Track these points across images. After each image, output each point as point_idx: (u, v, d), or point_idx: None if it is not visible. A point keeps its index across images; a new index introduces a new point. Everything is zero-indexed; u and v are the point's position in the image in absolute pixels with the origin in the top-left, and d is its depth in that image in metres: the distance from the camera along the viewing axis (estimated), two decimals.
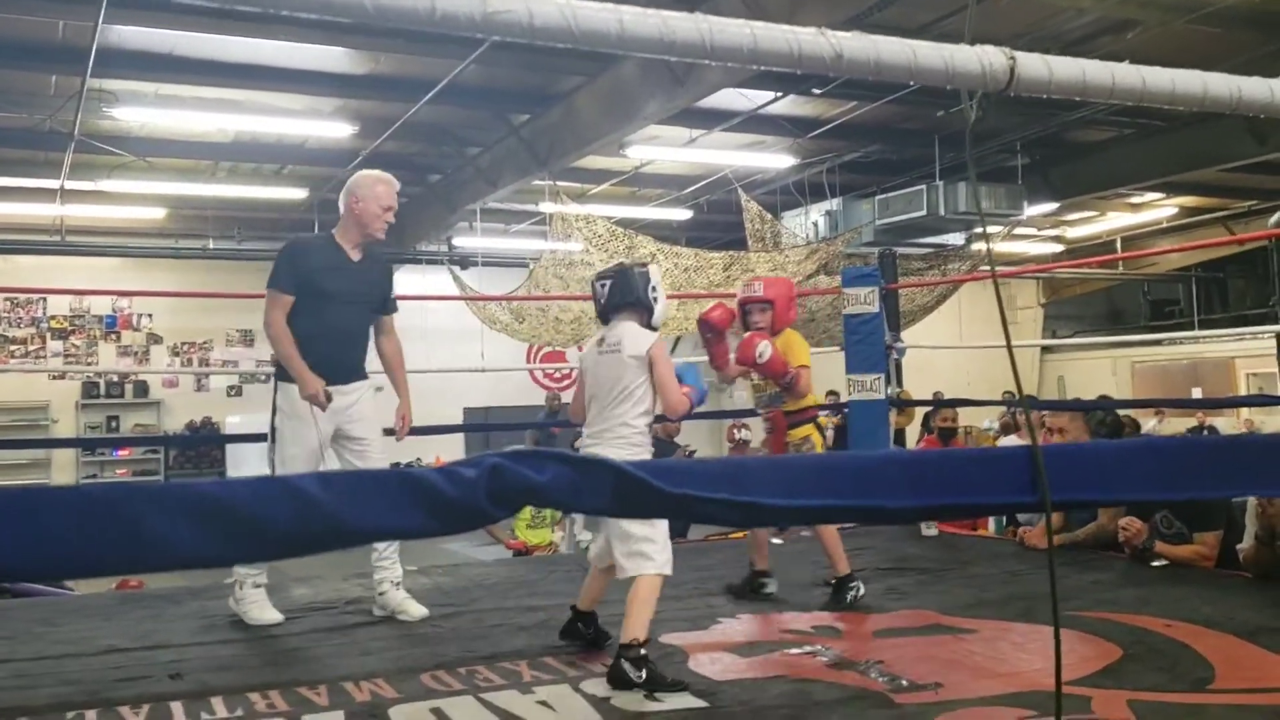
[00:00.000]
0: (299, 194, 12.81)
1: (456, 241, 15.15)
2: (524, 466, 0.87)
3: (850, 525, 5.63)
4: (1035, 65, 1.20)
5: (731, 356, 4.64)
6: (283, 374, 4.17)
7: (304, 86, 9.37)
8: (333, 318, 4.19)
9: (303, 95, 9.63)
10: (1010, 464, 1.04)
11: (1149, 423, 13.26)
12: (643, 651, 3.30)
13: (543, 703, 3.18)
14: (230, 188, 12.39)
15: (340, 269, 4.21)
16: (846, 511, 1.11)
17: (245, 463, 13.35)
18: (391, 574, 4.38)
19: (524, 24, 1.06)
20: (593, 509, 0.95)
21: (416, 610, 4.32)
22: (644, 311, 3.79)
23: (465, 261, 14.70)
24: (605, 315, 3.83)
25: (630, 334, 3.73)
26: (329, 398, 4.07)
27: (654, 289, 3.79)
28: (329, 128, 10.22)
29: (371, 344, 4.43)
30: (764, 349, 4.43)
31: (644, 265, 3.88)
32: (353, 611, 4.53)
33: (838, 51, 1.10)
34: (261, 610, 4.23)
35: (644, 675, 3.25)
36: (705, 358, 4.95)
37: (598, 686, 3.31)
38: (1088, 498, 1.39)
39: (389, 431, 4.48)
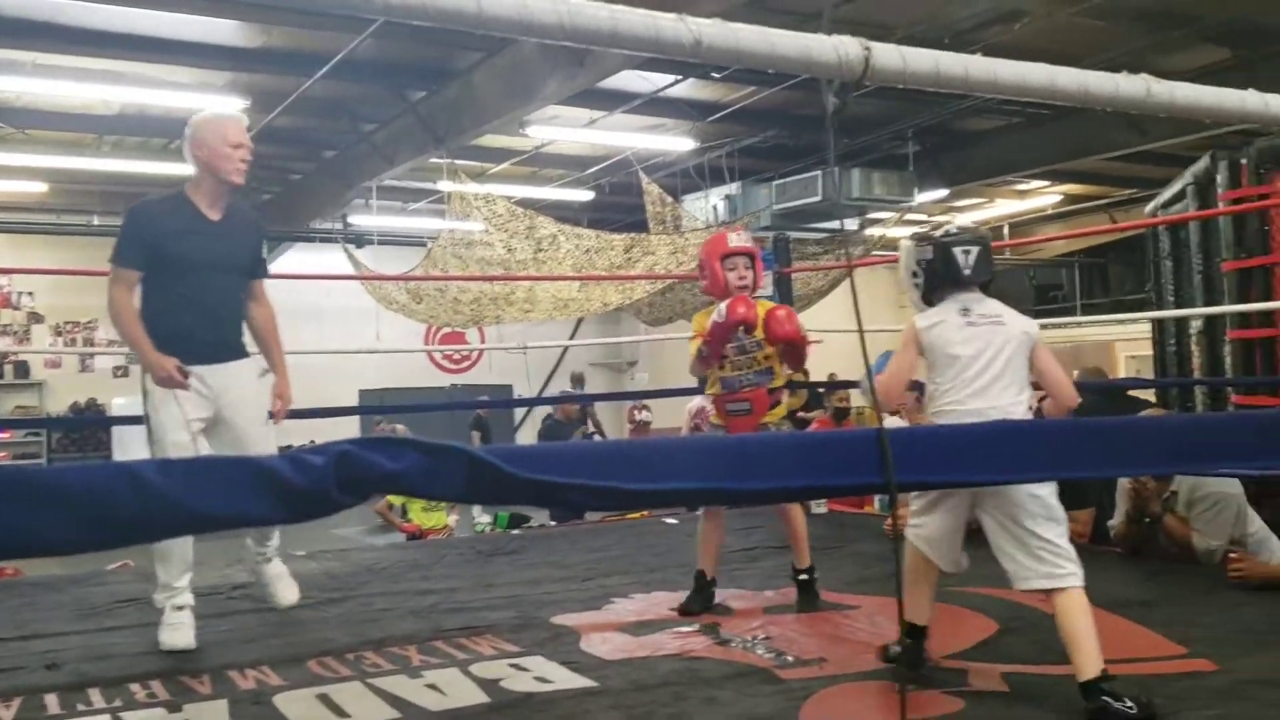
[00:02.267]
0: (188, 169, 12.42)
1: (352, 219, 14.88)
2: (374, 453, 0.86)
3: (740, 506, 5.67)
4: (890, 56, 1.23)
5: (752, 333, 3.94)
6: None
7: (193, 59, 9.10)
8: (194, 288, 3.65)
9: (192, 68, 9.35)
10: (859, 447, 1.07)
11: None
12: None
13: (432, 686, 3.17)
14: (115, 162, 11.96)
15: (197, 232, 3.66)
16: (705, 494, 1.12)
17: (133, 446, 12.95)
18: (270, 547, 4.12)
19: (379, 3, 1.05)
20: (446, 495, 0.94)
21: (287, 595, 4.10)
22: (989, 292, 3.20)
23: (361, 240, 14.44)
24: (960, 284, 3.10)
25: (1007, 309, 3.13)
26: (186, 376, 3.57)
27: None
28: (220, 102, 9.92)
29: None
30: (785, 314, 3.94)
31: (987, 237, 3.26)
32: (238, 598, 4.44)
33: (697, 38, 1.11)
34: (173, 635, 3.65)
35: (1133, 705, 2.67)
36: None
37: (487, 669, 3.31)
38: (933, 480, 1.43)
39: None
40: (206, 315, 3.71)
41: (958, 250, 3.09)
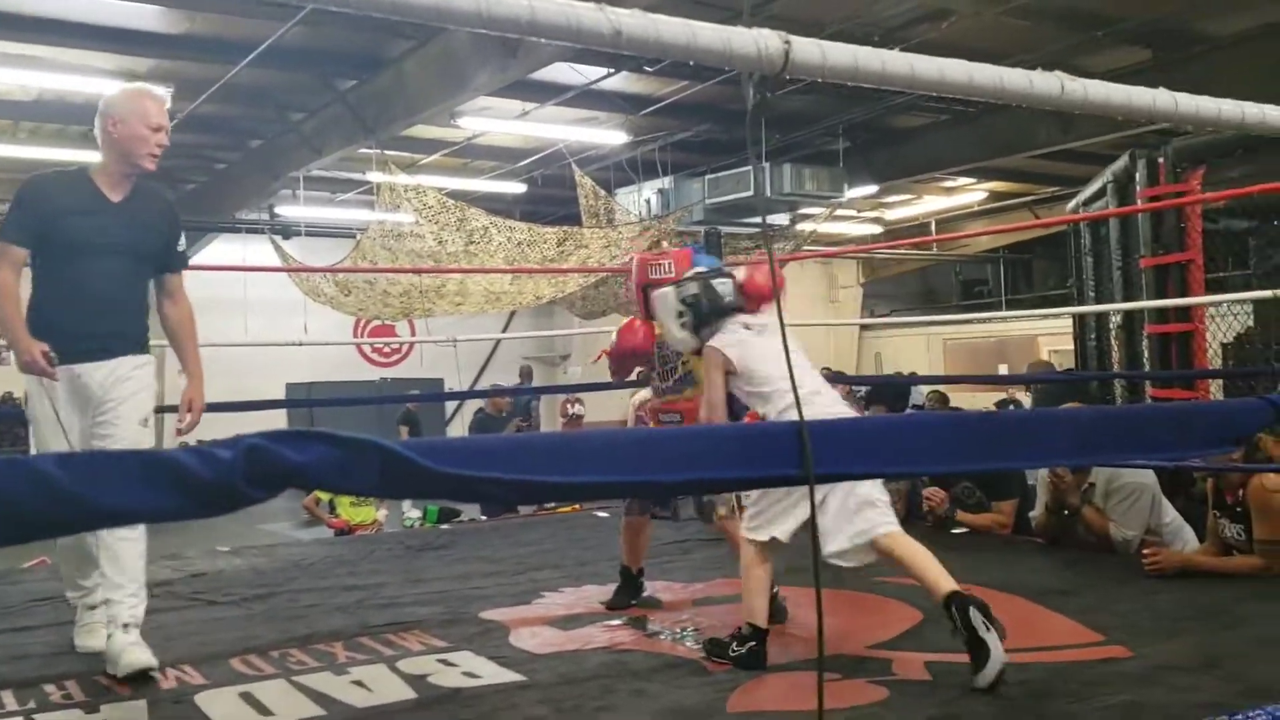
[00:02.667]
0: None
1: (279, 210, 14.61)
2: (284, 447, 0.85)
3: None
4: (809, 50, 1.23)
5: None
6: None
7: (115, 45, 8.85)
8: (84, 274, 3.29)
9: (114, 54, 9.09)
10: (778, 439, 1.07)
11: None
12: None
13: (358, 683, 3.14)
14: (32, 149, 11.59)
15: (94, 212, 3.30)
16: (623, 487, 1.12)
17: (53, 443, 12.58)
18: (122, 610, 3.28)
19: None
20: (359, 490, 0.93)
21: (136, 659, 3.21)
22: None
23: (288, 231, 14.19)
24: (713, 317, 3.57)
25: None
26: (52, 362, 3.16)
27: None
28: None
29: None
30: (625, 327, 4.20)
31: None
32: (160, 595, 4.35)
33: (616, 28, 1.10)
34: (87, 637, 3.49)
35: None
36: None
37: (414, 665, 3.28)
38: (851, 471, 1.45)
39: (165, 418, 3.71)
40: (95, 305, 3.32)
41: (716, 283, 3.50)
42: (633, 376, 4.35)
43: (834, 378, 8.12)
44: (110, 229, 3.33)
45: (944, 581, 2.97)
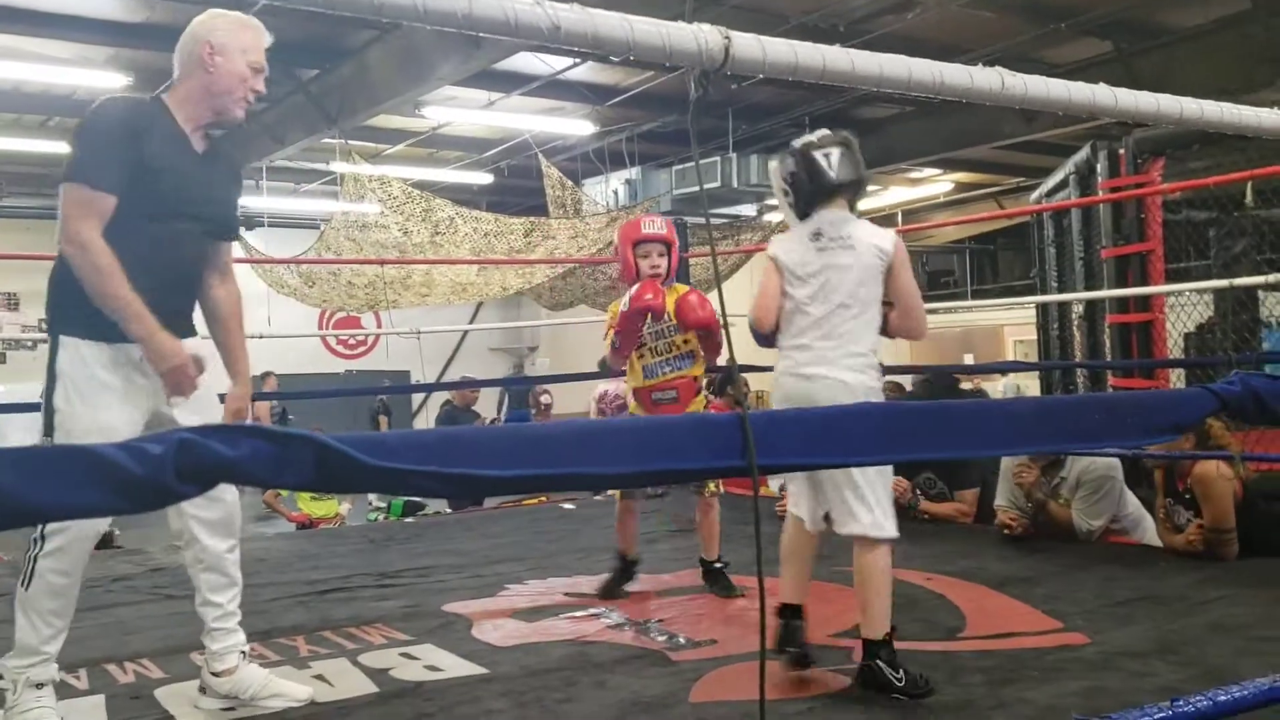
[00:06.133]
0: (67, 147, 11.96)
1: (241, 200, 14.48)
2: (215, 441, 0.83)
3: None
4: (750, 45, 1.23)
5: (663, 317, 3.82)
6: (69, 325, 2.60)
7: (72, 33, 8.73)
8: (160, 238, 2.64)
9: (71, 42, 8.97)
10: (721, 430, 1.07)
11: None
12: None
13: (319, 677, 3.11)
14: None
15: (178, 164, 2.65)
16: (564, 479, 1.11)
17: (8, 437, 12.43)
18: (239, 639, 2.89)
19: None
20: (295, 484, 0.92)
21: (299, 691, 2.89)
22: (858, 197, 3.03)
23: (251, 221, 14.07)
24: (815, 197, 2.95)
25: (861, 225, 2.93)
26: (201, 369, 2.61)
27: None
28: (100, 78, 9.55)
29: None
30: (697, 299, 3.78)
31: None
32: (119, 590, 4.31)
33: (555, 23, 1.09)
34: None
35: (903, 676, 2.71)
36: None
37: (376, 659, 3.26)
38: (794, 462, 1.45)
39: None
40: (171, 277, 2.72)
41: (818, 155, 2.94)
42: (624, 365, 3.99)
43: None
44: (192, 187, 2.70)
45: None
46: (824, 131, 3.04)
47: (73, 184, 2.54)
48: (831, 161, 2.91)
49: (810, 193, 2.95)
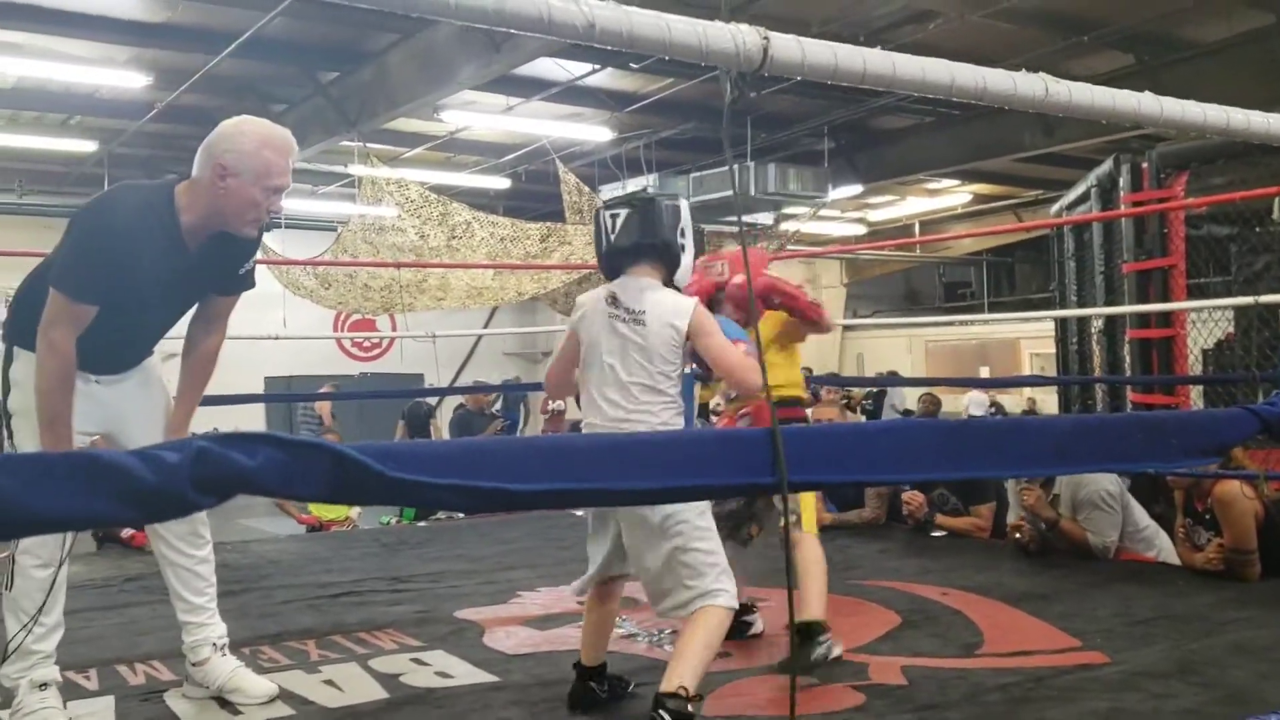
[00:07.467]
0: (88, 146, 12.00)
1: None
2: (233, 450, 0.81)
3: None
4: (789, 46, 1.20)
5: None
6: (26, 339, 2.66)
7: (95, 33, 8.75)
8: (131, 324, 2.78)
9: (94, 42, 8.99)
10: (750, 446, 1.04)
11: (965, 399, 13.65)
12: (690, 709, 2.44)
13: (329, 682, 3.10)
14: (10, 137, 11.49)
15: (165, 265, 2.68)
16: (586, 495, 1.09)
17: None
18: (211, 632, 2.96)
19: None
20: (308, 495, 0.89)
21: (259, 688, 2.94)
22: (668, 263, 2.74)
23: (269, 223, 14.10)
24: (614, 261, 2.76)
25: (658, 297, 2.69)
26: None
27: (683, 232, 2.74)
28: (122, 77, 9.58)
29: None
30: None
31: (675, 198, 2.84)
32: (132, 589, 4.30)
33: (590, 21, 1.06)
34: None
35: None
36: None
37: (387, 664, 3.24)
38: (825, 479, 1.42)
39: None
40: (135, 341, 2.88)
41: (605, 215, 2.75)
42: None
43: (819, 380, 8.12)
44: (176, 281, 2.73)
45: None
46: (634, 190, 2.94)
47: (58, 292, 2.59)
48: (615, 224, 2.72)
49: (603, 254, 2.79)
